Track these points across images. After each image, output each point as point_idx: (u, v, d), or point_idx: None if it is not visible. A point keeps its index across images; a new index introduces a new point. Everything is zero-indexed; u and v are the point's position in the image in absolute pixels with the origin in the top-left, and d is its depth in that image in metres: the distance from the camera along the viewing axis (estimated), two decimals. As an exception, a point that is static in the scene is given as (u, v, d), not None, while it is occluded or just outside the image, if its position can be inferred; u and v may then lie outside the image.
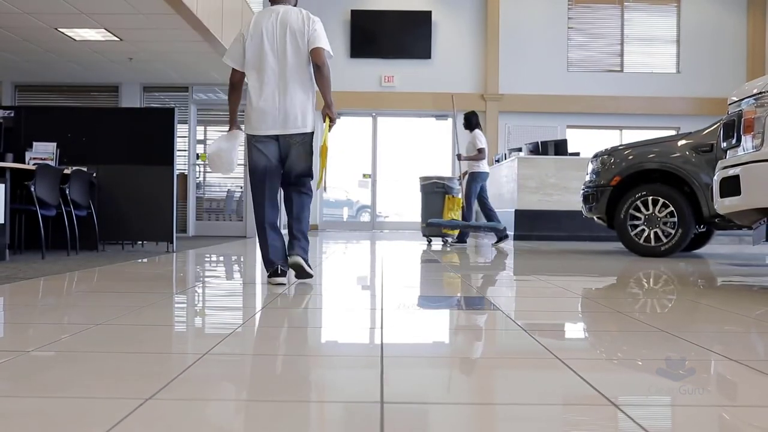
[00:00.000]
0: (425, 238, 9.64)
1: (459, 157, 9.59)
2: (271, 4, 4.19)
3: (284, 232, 4.20)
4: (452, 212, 9.25)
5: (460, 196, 9.51)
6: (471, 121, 9.51)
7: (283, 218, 4.79)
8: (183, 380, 1.83)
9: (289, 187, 4.18)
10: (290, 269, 4.15)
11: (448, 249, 8.47)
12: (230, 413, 1.61)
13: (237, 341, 2.47)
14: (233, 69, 4.12)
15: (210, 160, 4.24)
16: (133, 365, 2.03)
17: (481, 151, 9.31)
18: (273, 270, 4.08)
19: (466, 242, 9.54)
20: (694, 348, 2.34)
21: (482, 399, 1.85)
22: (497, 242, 9.14)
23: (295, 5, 4.20)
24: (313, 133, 4.13)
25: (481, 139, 9.39)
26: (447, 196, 9.40)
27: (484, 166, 9.41)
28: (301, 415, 1.61)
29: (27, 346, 2.32)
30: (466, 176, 9.58)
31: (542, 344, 2.41)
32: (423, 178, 9.61)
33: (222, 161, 4.18)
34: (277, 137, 4.05)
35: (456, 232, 9.44)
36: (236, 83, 4.16)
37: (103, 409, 1.58)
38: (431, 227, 9.27)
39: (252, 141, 4.07)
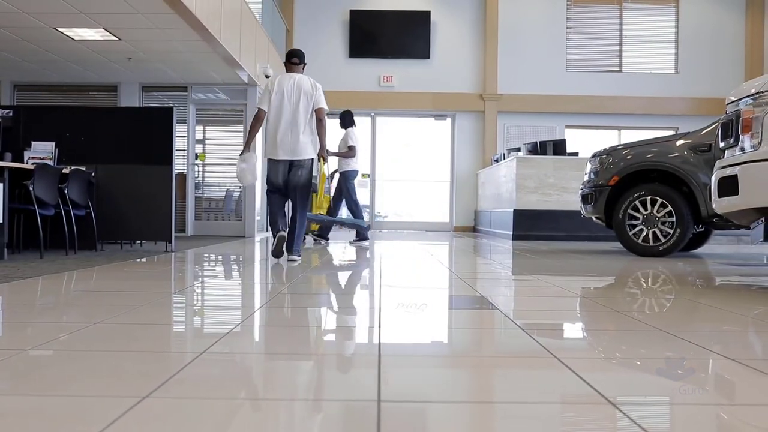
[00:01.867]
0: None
1: (326, 152, 9.75)
2: (287, 71, 6.00)
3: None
4: (320, 210, 9.52)
5: (330, 194, 9.80)
6: (344, 120, 9.66)
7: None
8: (180, 379, 1.83)
9: (294, 197, 5.85)
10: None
11: (322, 243, 9.08)
12: (227, 412, 1.61)
13: (234, 340, 2.47)
14: (260, 108, 5.86)
15: (238, 178, 6.08)
16: (131, 364, 2.03)
17: (351, 148, 9.47)
18: (276, 250, 5.80)
19: (328, 239, 9.69)
20: (693, 347, 2.34)
21: (480, 398, 1.85)
22: (357, 240, 9.46)
23: (302, 73, 5.99)
24: (312, 159, 5.86)
25: (353, 137, 9.57)
26: (314, 194, 9.67)
27: (354, 164, 9.58)
28: (300, 413, 1.61)
29: (25, 344, 2.31)
30: (337, 175, 9.76)
31: (540, 344, 2.41)
32: None
33: (247, 177, 6.02)
34: (286, 161, 5.80)
35: (317, 228, 9.68)
36: (261, 118, 5.91)
37: (100, 407, 1.58)
38: None
39: (270, 163, 5.86)
